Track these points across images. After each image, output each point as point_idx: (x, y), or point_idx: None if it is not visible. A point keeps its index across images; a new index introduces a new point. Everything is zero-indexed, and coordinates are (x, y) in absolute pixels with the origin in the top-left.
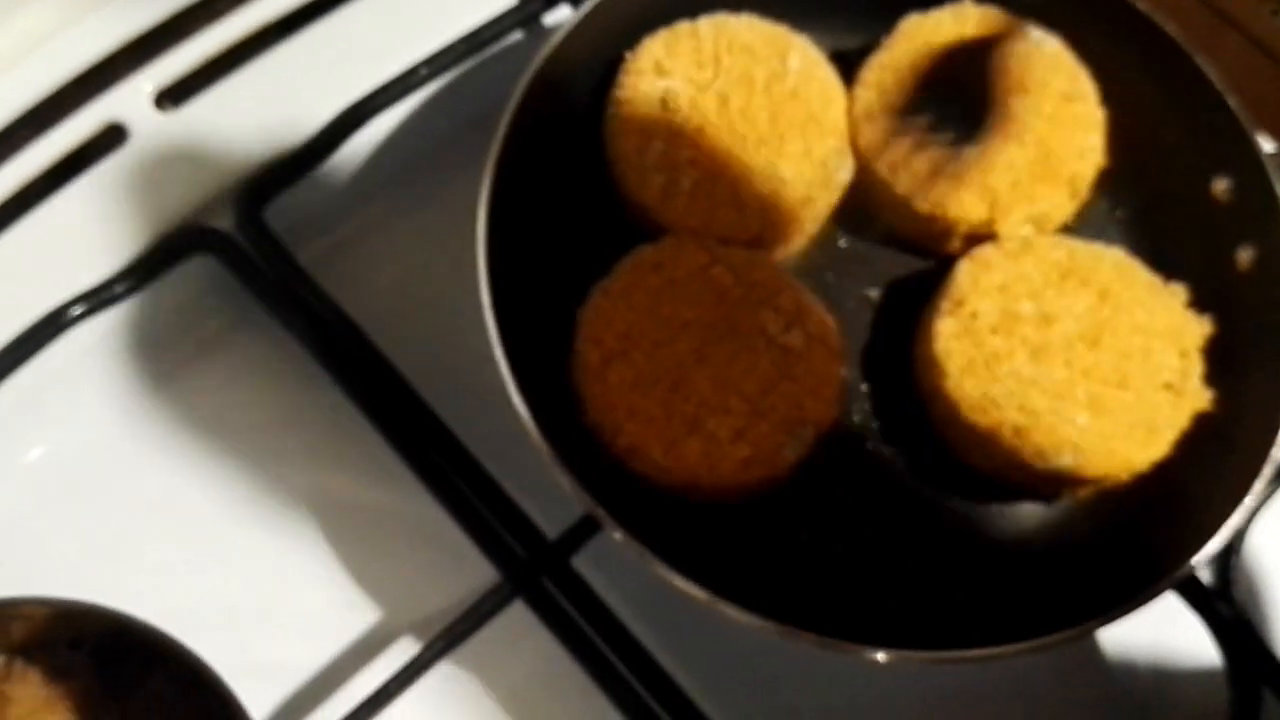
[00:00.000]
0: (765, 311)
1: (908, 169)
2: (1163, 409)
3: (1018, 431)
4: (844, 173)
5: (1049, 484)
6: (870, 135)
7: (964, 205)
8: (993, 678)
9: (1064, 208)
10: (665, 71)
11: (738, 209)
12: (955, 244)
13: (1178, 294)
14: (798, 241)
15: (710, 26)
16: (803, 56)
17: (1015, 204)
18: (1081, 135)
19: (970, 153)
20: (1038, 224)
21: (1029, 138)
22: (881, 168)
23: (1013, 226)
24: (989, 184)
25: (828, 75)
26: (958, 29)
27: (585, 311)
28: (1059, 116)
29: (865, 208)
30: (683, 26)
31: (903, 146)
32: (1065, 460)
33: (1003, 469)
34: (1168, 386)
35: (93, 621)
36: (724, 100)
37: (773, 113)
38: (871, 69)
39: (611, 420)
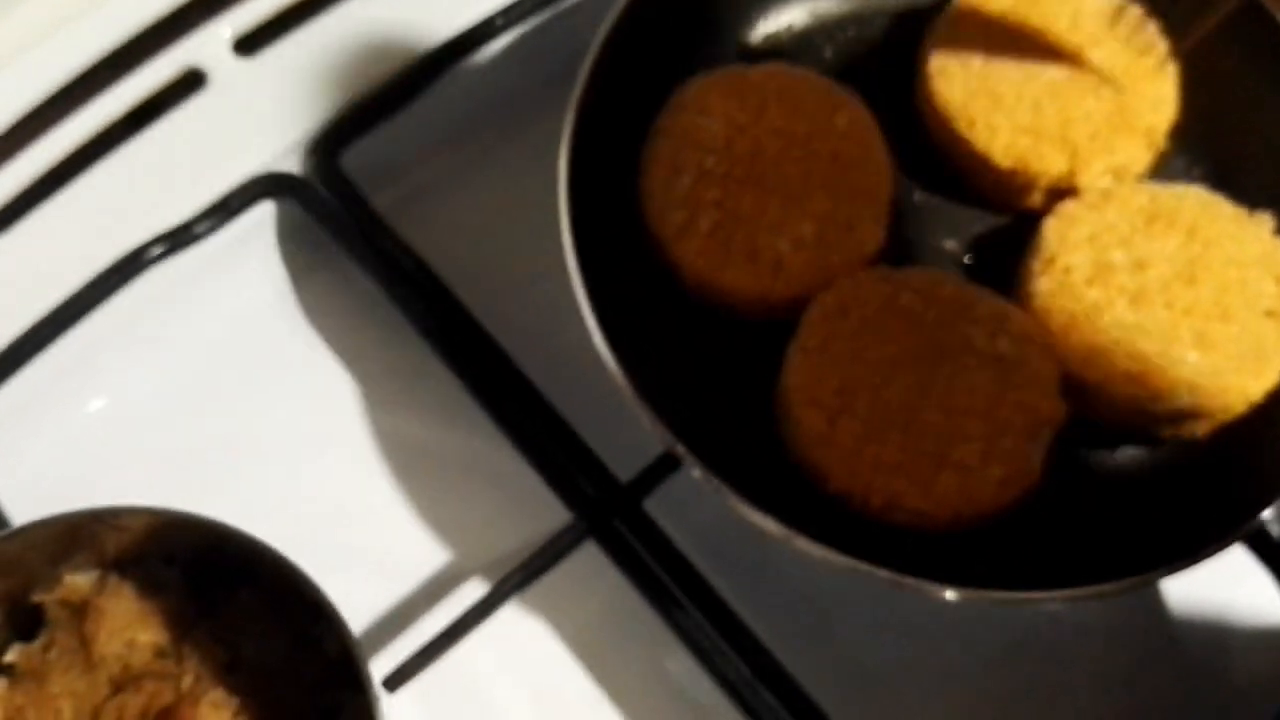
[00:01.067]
0: (966, 325)
1: (986, 123)
2: (1269, 336)
3: (1130, 379)
4: (871, 243)
5: (1167, 424)
6: (946, 91)
7: (1044, 159)
8: (1053, 633)
9: (1141, 159)
10: (708, 110)
11: (751, 260)
12: (1036, 198)
13: (1265, 223)
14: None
15: (764, 74)
16: (851, 118)
17: (1095, 156)
18: (1155, 86)
19: (1048, 106)
20: (1117, 176)
21: (1105, 90)
22: (960, 123)
23: (1093, 178)
24: (1068, 136)
25: (874, 141)
26: None
27: (790, 376)
28: (1132, 69)
29: (940, 162)
30: (737, 70)
31: (980, 102)
32: (1183, 400)
33: (1121, 416)
34: (1269, 313)
35: (188, 532)
36: (760, 148)
37: (808, 169)
38: (946, 23)
39: (860, 482)
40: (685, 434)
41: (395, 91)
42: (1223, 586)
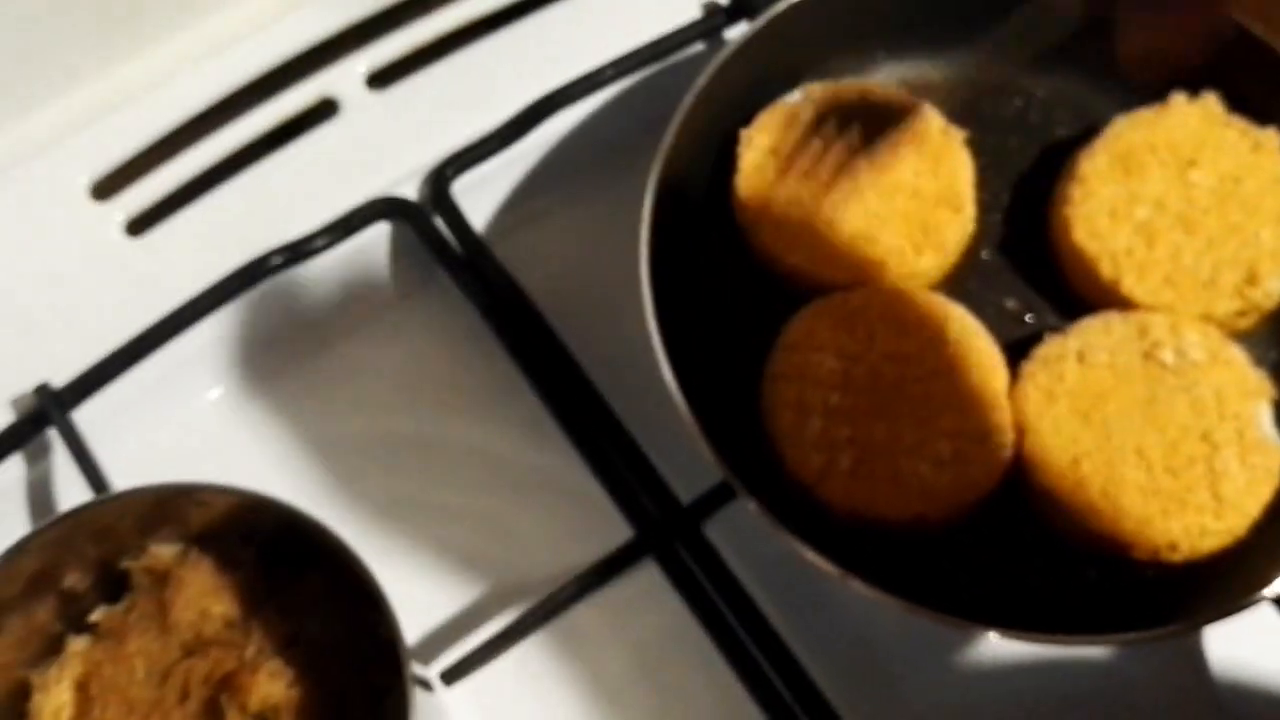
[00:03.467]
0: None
1: (1132, 268)
2: None
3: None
4: (1006, 451)
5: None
6: (1088, 235)
7: (1185, 301)
8: (1102, 686)
9: (1236, 301)
10: (820, 345)
11: (898, 488)
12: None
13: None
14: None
15: (864, 298)
16: (959, 326)
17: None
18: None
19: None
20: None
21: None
22: (1103, 266)
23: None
24: (1218, 282)
25: (986, 345)
26: (1178, 125)
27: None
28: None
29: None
30: (838, 298)
31: (1123, 245)
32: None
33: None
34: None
35: (266, 514)
36: (878, 374)
37: (928, 387)
38: (1085, 161)
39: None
40: (743, 469)
41: (507, 130)
42: (1269, 648)
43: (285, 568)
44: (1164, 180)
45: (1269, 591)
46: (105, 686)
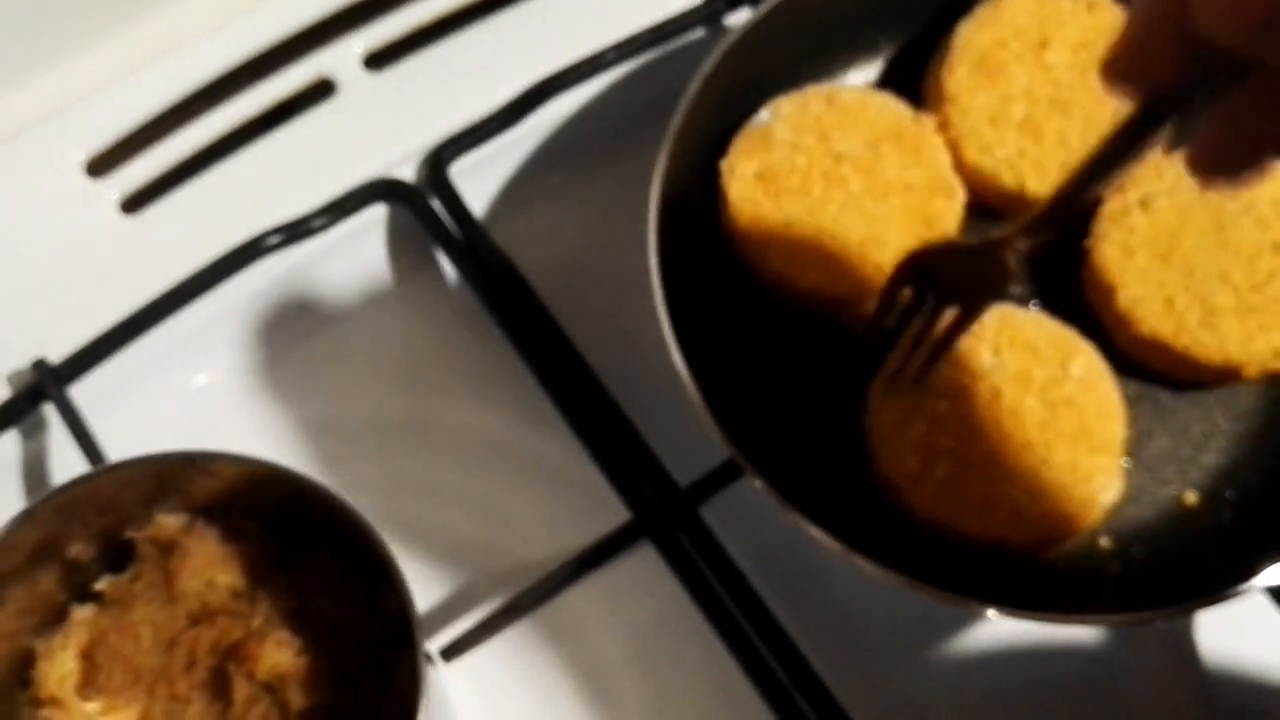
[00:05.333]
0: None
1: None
2: None
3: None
4: (1111, 494)
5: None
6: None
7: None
8: (1093, 672)
9: None
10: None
11: (989, 509)
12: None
13: None
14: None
15: (997, 318)
16: (1087, 364)
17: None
18: None
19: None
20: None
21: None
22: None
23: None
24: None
25: (1110, 390)
26: (1018, 12)
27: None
28: None
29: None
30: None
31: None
32: None
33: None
34: None
35: (274, 484)
36: (998, 395)
37: (1044, 417)
38: (948, 79)
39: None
40: (749, 447)
41: (507, 112)
42: (1258, 636)
43: (293, 540)
44: (1025, 72)
45: (1259, 580)
46: (111, 654)
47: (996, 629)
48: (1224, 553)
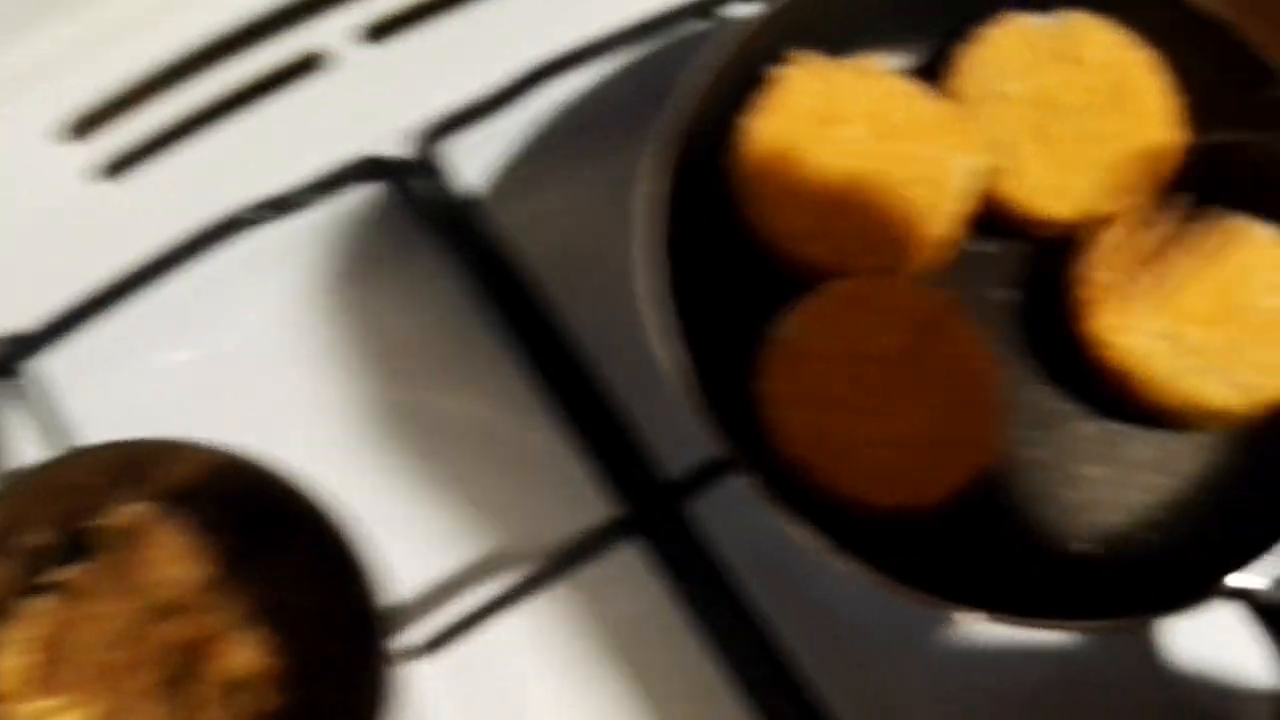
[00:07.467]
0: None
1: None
2: None
3: None
4: (987, 450)
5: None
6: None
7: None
8: (1077, 677)
9: None
10: (816, 332)
11: (876, 475)
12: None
13: None
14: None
15: (859, 287)
16: (954, 320)
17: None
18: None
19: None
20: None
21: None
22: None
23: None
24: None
25: (976, 340)
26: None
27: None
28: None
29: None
30: (836, 286)
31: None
32: None
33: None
34: None
35: (243, 473)
36: (870, 365)
37: (916, 381)
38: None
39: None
40: (739, 443)
41: (503, 93)
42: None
43: (262, 530)
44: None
45: (1233, 581)
46: (71, 648)
47: (981, 630)
48: (1198, 559)
